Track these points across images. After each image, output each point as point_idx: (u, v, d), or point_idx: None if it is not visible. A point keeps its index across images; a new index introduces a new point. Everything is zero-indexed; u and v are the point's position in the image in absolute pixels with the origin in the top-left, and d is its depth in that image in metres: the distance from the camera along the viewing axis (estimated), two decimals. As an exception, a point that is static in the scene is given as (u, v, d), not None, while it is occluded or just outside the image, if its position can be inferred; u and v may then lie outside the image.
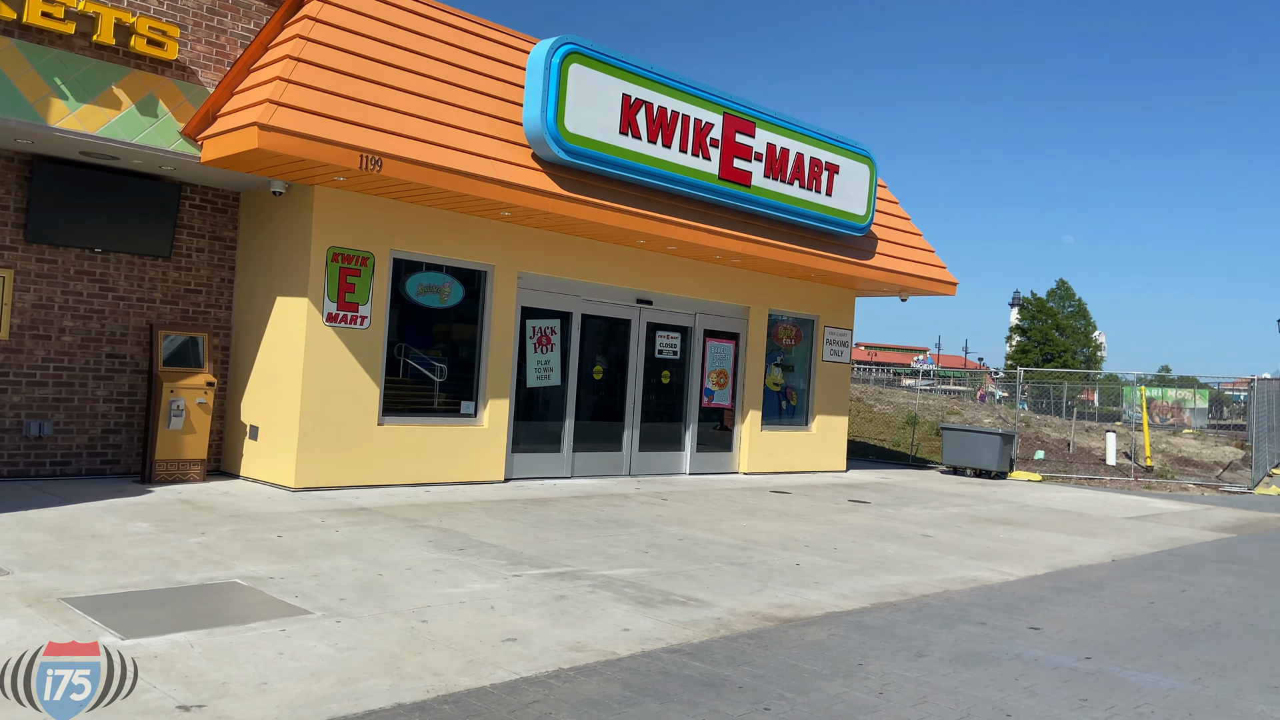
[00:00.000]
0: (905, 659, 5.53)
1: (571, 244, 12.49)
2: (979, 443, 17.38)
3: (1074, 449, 21.51)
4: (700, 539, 8.96)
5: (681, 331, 14.30)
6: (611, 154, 11.15)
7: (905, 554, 8.95)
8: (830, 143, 14.11)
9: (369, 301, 10.39)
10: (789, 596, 6.90)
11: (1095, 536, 11.01)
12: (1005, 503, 13.74)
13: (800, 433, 15.98)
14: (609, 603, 6.34)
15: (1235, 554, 10.38)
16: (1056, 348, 64.12)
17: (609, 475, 13.27)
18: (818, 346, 16.23)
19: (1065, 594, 7.68)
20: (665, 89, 11.79)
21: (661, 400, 14.16)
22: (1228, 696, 5.16)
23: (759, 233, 13.19)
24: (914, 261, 15.84)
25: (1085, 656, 5.82)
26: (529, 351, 12.29)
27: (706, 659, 5.29)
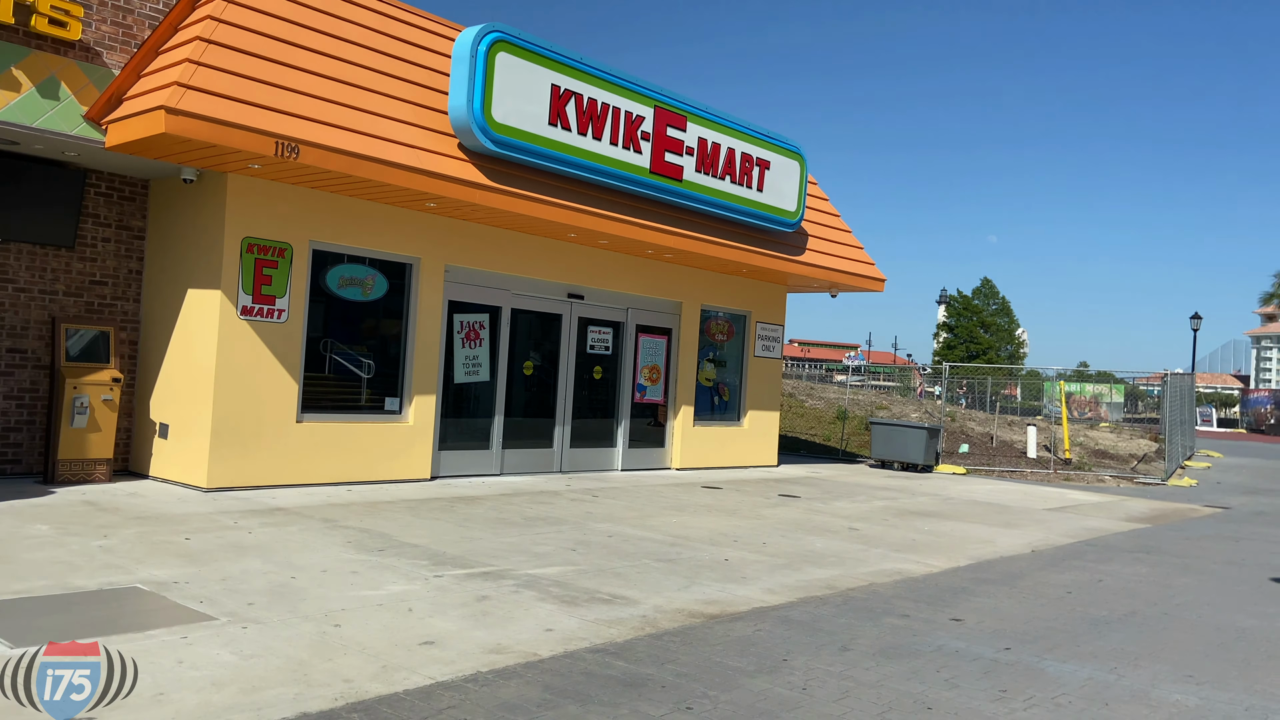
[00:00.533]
0: (830, 653, 5.50)
1: (501, 237, 12.28)
2: (906, 437, 17.62)
3: (997, 442, 21.98)
4: (630, 536, 8.87)
5: (614, 327, 14.19)
6: (541, 145, 10.98)
7: (833, 548, 8.97)
8: (761, 138, 14.13)
9: (287, 294, 10.06)
10: (716, 592, 6.84)
11: (1016, 528, 11.20)
12: (930, 495, 13.93)
13: (732, 428, 16.00)
14: (533, 602, 6.20)
15: (1149, 544, 10.65)
16: (981, 345, 65.62)
17: (540, 472, 13.10)
18: (750, 342, 16.26)
19: (987, 585, 7.77)
20: (595, 80, 11.65)
21: (593, 396, 14.03)
22: (1143, 686, 5.24)
23: (691, 228, 13.14)
24: (844, 258, 15.97)
25: (1005, 647, 5.87)
26: (457, 347, 12.05)
27: (630, 658, 5.18)
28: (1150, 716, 4.74)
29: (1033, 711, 4.71)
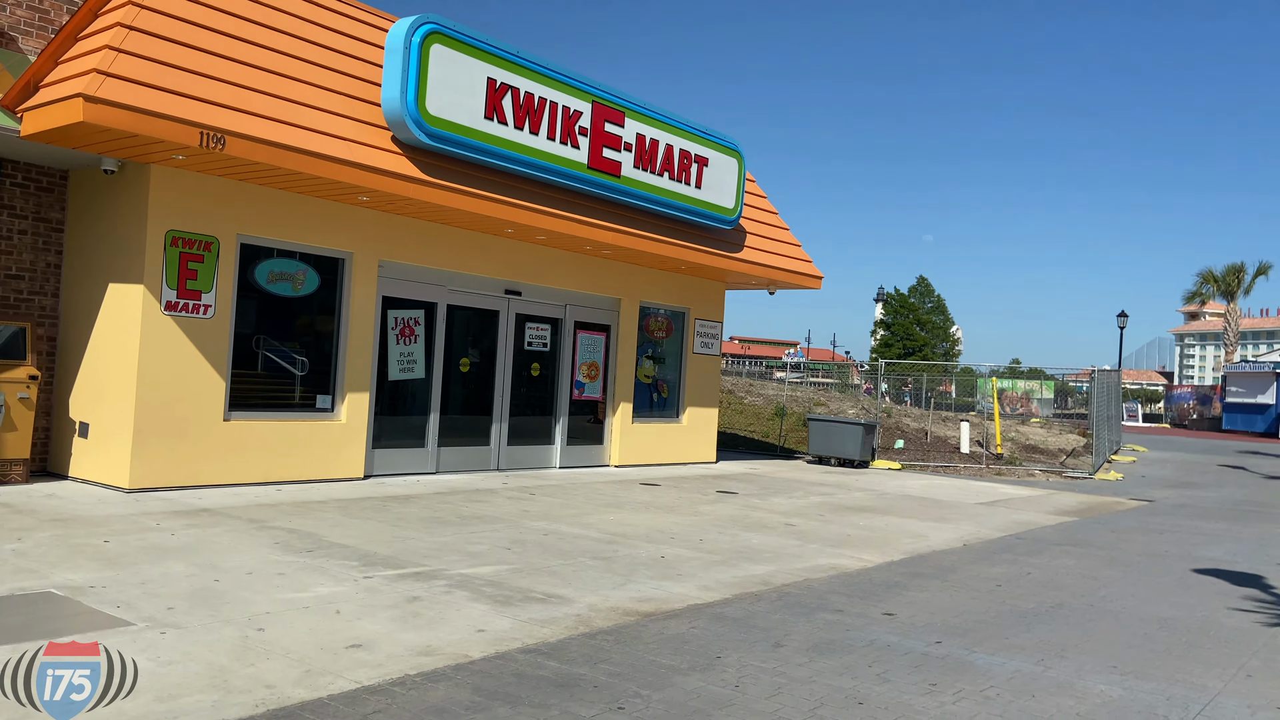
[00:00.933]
0: (763, 650, 5.50)
1: (436, 232, 12.10)
2: (843, 433, 17.81)
3: (931, 438, 22.35)
4: (566, 534, 8.80)
5: (552, 323, 14.09)
6: (477, 139, 10.83)
7: (769, 543, 9.01)
8: (700, 135, 14.14)
9: (213, 289, 9.78)
10: (652, 590, 6.81)
11: (949, 522, 11.38)
12: (866, 491, 14.10)
13: (671, 425, 16.01)
14: (465, 603, 6.10)
15: (1077, 537, 10.90)
16: (917, 342, 66.80)
17: (476, 470, 12.95)
18: (689, 339, 16.29)
19: (919, 579, 7.87)
20: (532, 74, 11.54)
21: (531, 393, 13.91)
22: (1069, 677, 5.33)
23: (629, 224, 13.09)
24: (781, 255, 16.08)
25: (936, 640, 5.93)
26: (391, 343, 11.85)
27: (563, 658, 5.12)
28: (1075, 707, 4.82)
29: (961, 704, 4.76)
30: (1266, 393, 41.48)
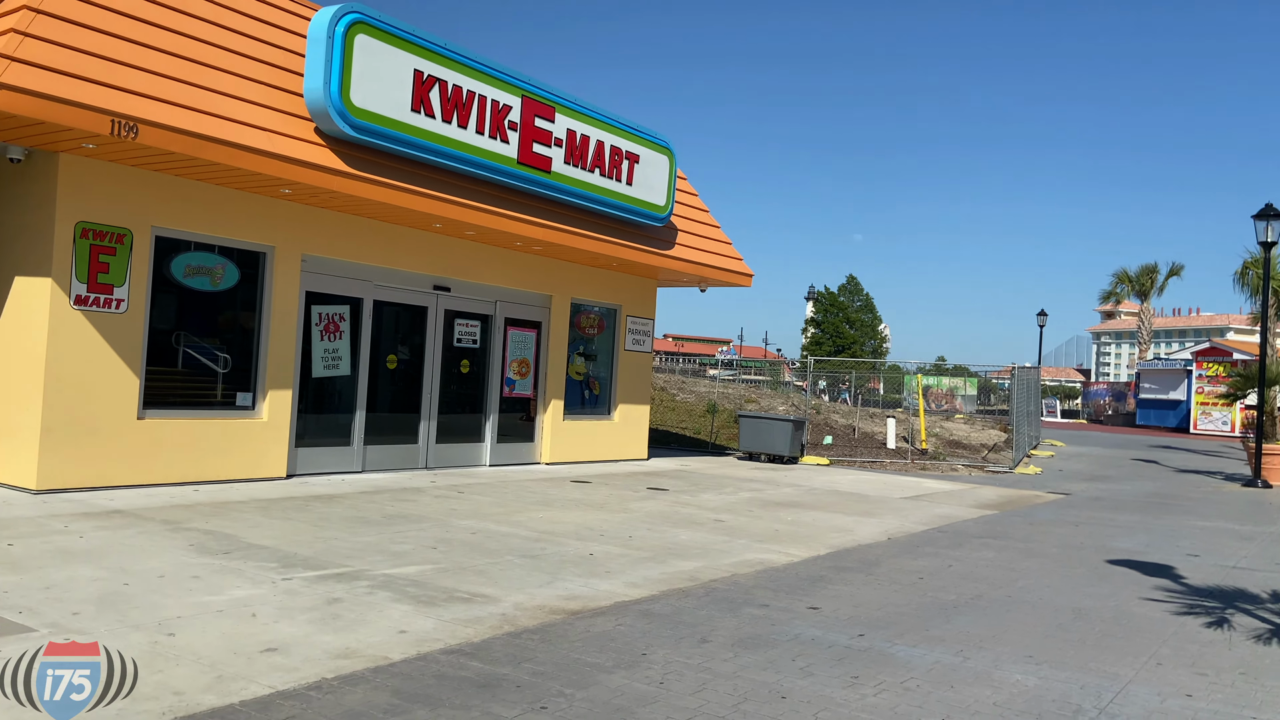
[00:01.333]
0: (689, 646, 5.50)
1: (362, 226, 11.87)
2: (773, 429, 17.98)
3: (859, 434, 22.71)
4: (494, 532, 8.70)
5: (482, 320, 13.93)
6: (403, 132, 10.64)
7: (698, 539, 9.03)
8: (631, 132, 14.12)
9: (126, 283, 9.43)
10: (579, 587, 6.76)
11: (874, 516, 11.56)
12: (794, 486, 14.25)
13: (603, 422, 15.97)
14: (387, 604, 5.98)
15: (997, 529, 11.16)
16: (847, 340, 67.86)
17: (404, 469, 12.74)
18: (620, 336, 16.26)
19: (844, 573, 7.96)
20: (461, 67, 11.38)
21: (461, 390, 13.75)
22: (986, 667, 5.44)
23: (560, 220, 13.01)
24: (713, 253, 16.15)
25: (859, 634, 6.00)
26: (315, 339, 11.58)
27: (486, 658, 5.05)
28: (992, 697, 4.92)
29: (882, 696, 4.82)
30: (1178, 389, 43.10)
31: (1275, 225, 18.75)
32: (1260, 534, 11.71)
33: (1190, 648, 6.06)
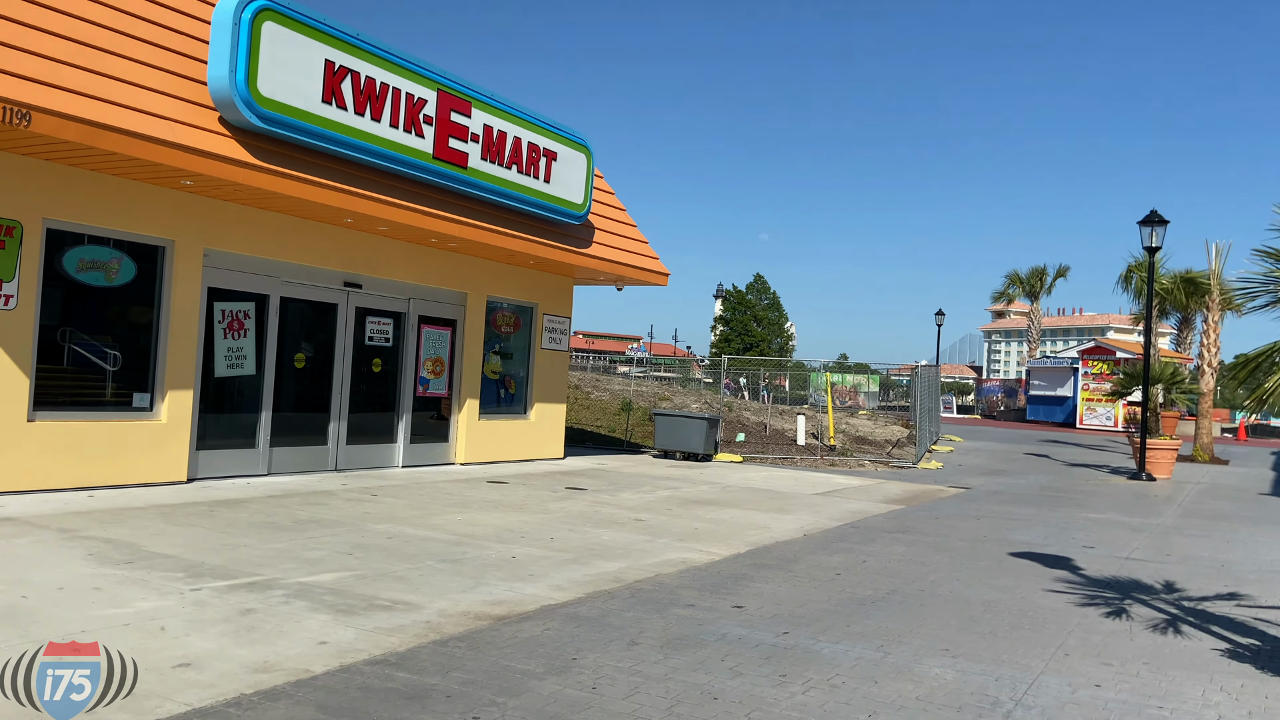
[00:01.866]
0: (618, 649, 5.48)
1: (269, 220, 11.47)
2: (688, 428, 18.11)
3: (770, 431, 23.07)
4: (412, 536, 8.52)
5: (395, 317, 13.63)
6: (313, 123, 10.32)
7: (620, 540, 9.02)
8: (549, 129, 14.01)
9: (15, 278, 8.91)
10: (504, 592, 6.68)
11: (789, 513, 11.75)
12: (711, 484, 14.38)
13: (519, 421, 15.82)
14: (305, 614, 5.79)
15: (905, 524, 11.47)
16: (755, 337, 68.88)
17: (313, 471, 12.38)
18: (537, 334, 16.14)
19: (765, 570, 8.06)
20: (374, 59, 11.10)
21: (372, 390, 13.43)
22: (907, 661, 5.57)
23: (476, 216, 12.82)
24: (629, 252, 16.16)
25: (784, 631, 6.08)
26: (218, 337, 11.15)
27: (413, 668, 4.94)
28: (914, 691, 5.04)
29: (811, 694, 4.89)
30: (1065, 386, 45.06)
31: (1159, 231, 19.77)
32: (1149, 526, 12.33)
33: (1094, 638, 6.33)
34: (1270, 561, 9.78)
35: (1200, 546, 10.66)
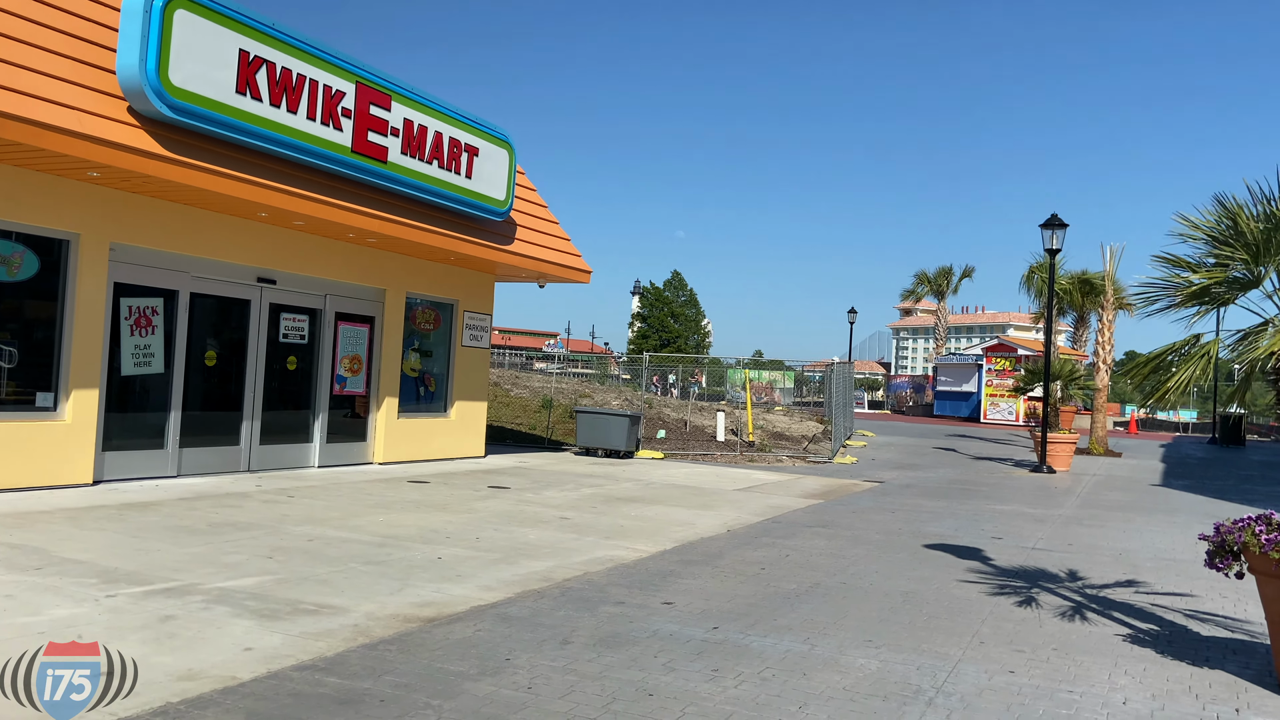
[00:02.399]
0: (551, 648, 5.50)
1: (179, 213, 11.11)
2: (610, 424, 18.17)
3: (690, 427, 23.29)
4: (333, 538, 8.37)
5: (310, 314, 13.34)
6: (227, 115, 10.03)
7: (546, 538, 9.02)
8: (470, 124, 13.88)
9: (-95, 271, 8.44)
10: (432, 593, 6.62)
11: (712, 509, 11.90)
12: (634, 481, 14.46)
13: (439, 419, 15.65)
14: (227, 619, 5.65)
15: (824, 518, 11.74)
16: (672, 334, 69.41)
17: (225, 472, 12.04)
18: (457, 331, 15.97)
19: (692, 566, 8.17)
20: (291, 49, 10.84)
21: (287, 388, 13.11)
22: (833, 653, 5.73)
23: (396, 212, 12.63)
24: (552, 249, 16.13)
25: (714, 627, 6.19)
26: (125, 334, 10.75)
27: (343, 673, 4.87)
28: (841, 681, 5.19)
29: (743, 688, 4.99)
30: (970, 382, 46.58)
31: (1059, 233, 20.62)
32: (1051, 516, 12.87)
33: (1007, 626, 6.60)
34: (1163, 549, 10.32)
35: (1099, 536, 11.19)
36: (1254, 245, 5.55)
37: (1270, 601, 5.36)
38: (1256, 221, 5.53)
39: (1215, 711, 4.94)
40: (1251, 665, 5.81)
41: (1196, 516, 13.30)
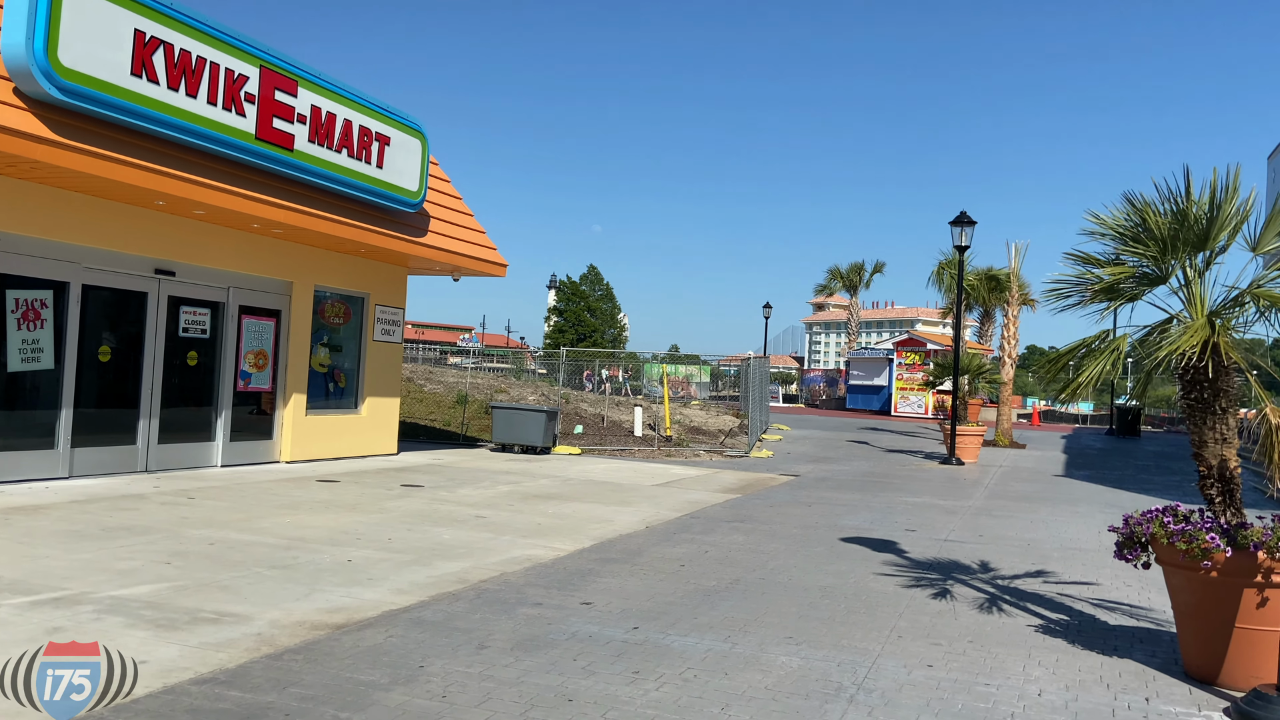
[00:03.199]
0: (467, 653, 5.33)
1: (70, 200, 10.50)
2: (526, 420, 17.94)
3: (608, 423, 23.19)
4: (236, 541, 8.01)
5: (212, 307, 12.79)
6: (121, 98, 9.52)
7: (461, 538, 8.81)
8: (382, 113, 13.49)
9: None
10: (341, 598, 6.37)
11: (631, 505, 11.82)
12: (551, 477, 14.29)
13: (349, 416, 15.21)
14: (120, 630, 5.33)
15: (742, 513, 11.77)
16: (589, 328, 69.23)
17: (121, 473, 11.46)
18: (369, 326, 15.54)
19: (610, 564, 8.06)
20: (191, 31, 10.35)
21: (188, 384, 12.56)
22: (754, 651, 5.69)
23: (303, 202, 12.19)
24: (466, 242, 15.82)
25: (634, 627, 6.09)
26: (10, 329, 10.13)
27: (246, 685, 4.62)
28: (763, 681, 5.15)
29: (664, 690, 4.90)
30: (881, 376, 47.62)
31: (968, 230, 21.16)
32: (962, 508, 13.16)
33: (923, 619, 6.67)
34: (1069, 539, 10.64)
35: (1008, 527, 11.47)
36: (1161, 242, 5.70)
37: (1176, 591, 5.51)
38: (1164, 219, 5.67)
39: (1126, 701, 5.06)
40: (1158, 654, 5.98)
41: (1098, 506, 13.78)
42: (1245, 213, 5.67)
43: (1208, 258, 5.77)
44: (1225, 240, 5.73)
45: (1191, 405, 5.61)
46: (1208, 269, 5.78)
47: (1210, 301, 5.75)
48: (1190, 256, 5.76)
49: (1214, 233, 5.60)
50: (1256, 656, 5.12)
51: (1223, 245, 5.73)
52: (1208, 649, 5.31)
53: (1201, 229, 5.62)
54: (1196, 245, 5.67)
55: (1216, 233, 5.61)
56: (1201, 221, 5.61)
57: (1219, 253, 5.77)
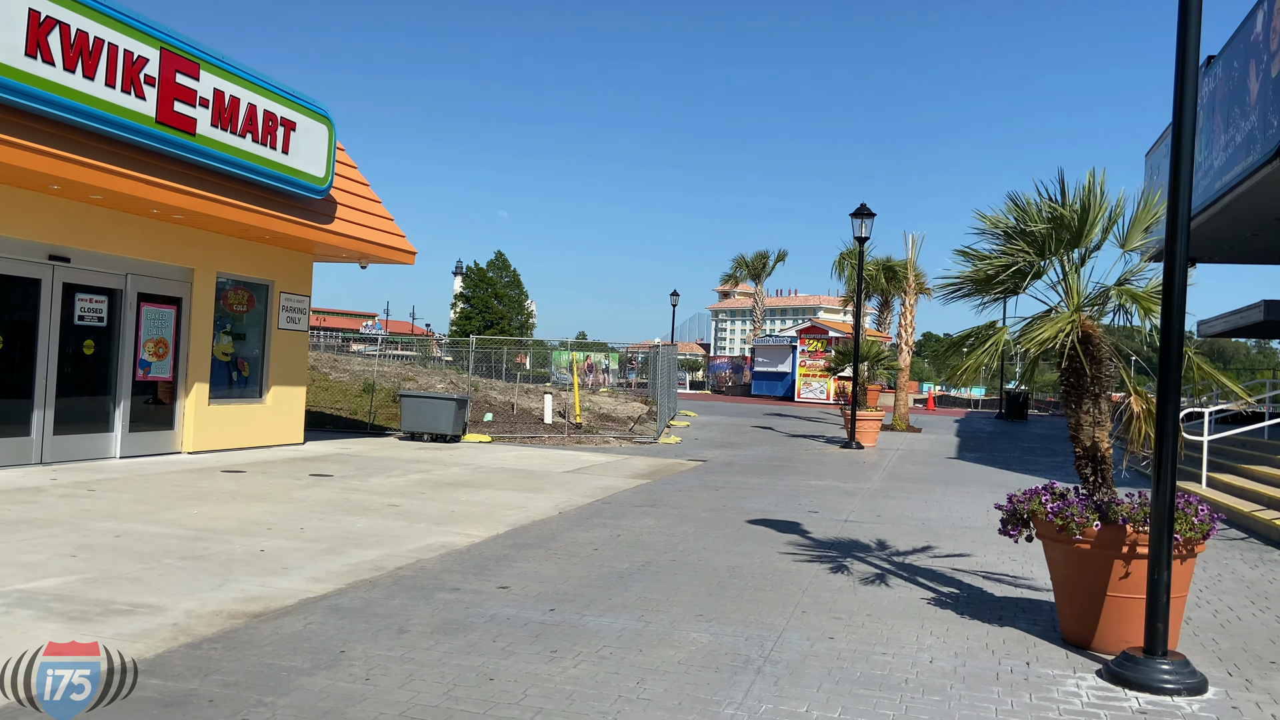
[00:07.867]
0: (388, 638, 5.44)
1: (-46, 183, 10.07)
2: (435, 408, 17.88)
3: (517, 410, 23.24)
4: (143, 533, 7.89)
5: (110, 294, 12.41)
6: (14, 79, 9.19)
7: (375, 526, 8.84)
8: (287, 97, 13.26)
9: None
10: (257, 588, 6.38)
11: (543, 492, 11.98)
12: (462, 465, 14.33)
13: (254, 405, 14.93)
14: (31, 623, 5.26)
15: (652, 498, 12.05)
16: (496, 315, 68.76)
17: (14, 465, 11.07)
18: (273, 313, 15.26)
19: (525, 549, 8.22)
20: (88, 11, 10.02)
21: (84, 374, 12.17)
22: (666, 629, 5.94)
23: (205, 187, 11.93)
24: (374, 229, 15.66)
25: (550, 609, 6.28)
26: (-109, 316, 9.67)
27: (166, 674, 4.64)
28: (675, 655, 5.41)
29: (582, 667, 5.11)
30: (785, 362, 48.71)
31: (868, 222, 21.89)
32: (860, 490, 13.73)
33: (825, 595, 7.04)
34: (960, 518, 11.24)
35: (904, 507, 12.05)
36: (1038, 240, 6.16)
37: (1054, 564, 5.99)
38: (1041, 220, 6.12)
39: (1010, 665, 5.48)
40: (1039, 621, 6.47)
41: (987, 486, 14.55)
42: (1116, 214, 6.17)
43: (1083, 254, 6.25)
44: (1099, 238, 6.22)
45: (1068, 390, 6.09)
46: (1083, 264, 6.27)
47: (1085, 295, 6.24)
48: (1067, 253, 6.24)
49: (1086, 232, 6.08)
50: (1125, 622, 5.61)
51: (1096, 243, 6.22)
52: (1082, 616, 5.78)
53: (1075, 229, 6.09)
54: (1071, 243, 6.15)
55: (1088, 231, 6.10)
56: (1074, 222, 6.08)
57: (1094, 250, 6.26)
